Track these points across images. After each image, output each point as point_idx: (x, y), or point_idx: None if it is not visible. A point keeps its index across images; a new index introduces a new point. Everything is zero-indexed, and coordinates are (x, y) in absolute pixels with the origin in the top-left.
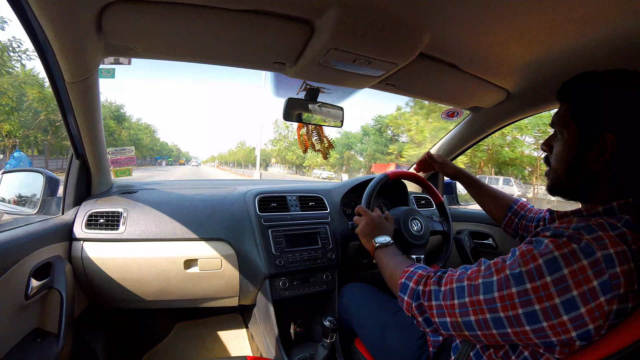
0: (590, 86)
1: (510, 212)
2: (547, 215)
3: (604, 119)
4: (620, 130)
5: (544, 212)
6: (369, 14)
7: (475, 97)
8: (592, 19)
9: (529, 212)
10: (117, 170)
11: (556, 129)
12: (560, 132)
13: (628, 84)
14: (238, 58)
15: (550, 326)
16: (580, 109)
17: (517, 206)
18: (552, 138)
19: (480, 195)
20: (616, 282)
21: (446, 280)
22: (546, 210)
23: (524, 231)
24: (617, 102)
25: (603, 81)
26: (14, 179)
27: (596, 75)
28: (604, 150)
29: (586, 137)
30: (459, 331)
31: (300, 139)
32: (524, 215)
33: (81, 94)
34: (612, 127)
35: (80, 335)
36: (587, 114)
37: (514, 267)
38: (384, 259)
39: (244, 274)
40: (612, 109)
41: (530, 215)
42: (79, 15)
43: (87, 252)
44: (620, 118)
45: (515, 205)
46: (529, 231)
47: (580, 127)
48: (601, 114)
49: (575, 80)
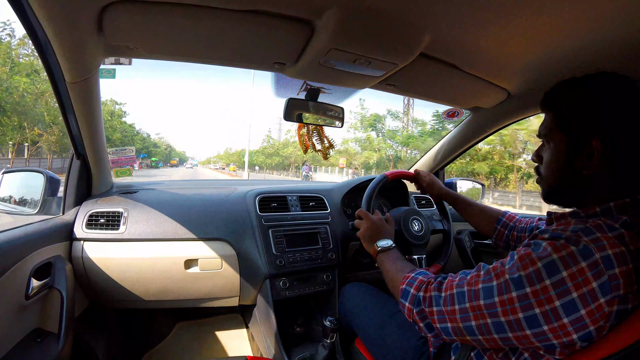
0: (572, 93)
1: (499, 225)
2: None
3: (588, 125)
4: (605, 134)
5: (535, 220)
6: (369, 14)
7: (475, 97)
8: (592, 19)
9: (519, 222)
10: (117, 171)
11: (543, 139)
12: (547, 142)
13: (609, 87)
14: (238, 58)
15: (551, 329)
16: (563, 116)
17: (505, 218)
18: (540, 148)
19: (467, 212)
20: (615, 283)
21: (446, 286)
22: (537, 219)
23: (516, 242)
24: (599, 107)
25: (584, 86)
26: (15, 178)
27: (577, 81)
28: (590, 155)
29: (572, 144)
30: (460, 336)
31: (301, 139)
32: (514, 226)
33: (82, 94)
34: (597, 132)
35: (81, 335)
36: (571, 121)
37: (513, 271)
38: (386, 264)
39: (244, 274)
40: (595, 114)
41: (521, 226)
42: (79, 15)
43: (88, 252)
44: (604, 122)
45: (504, 217)
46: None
47: (565, 135)
48: (585, 120)
49: (557, 89)
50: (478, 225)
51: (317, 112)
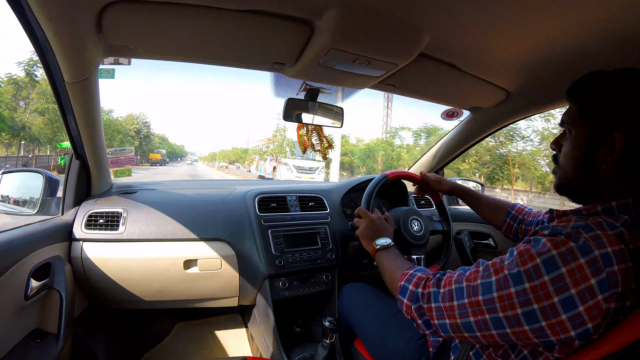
0: (599, 85)
1: (508, 217)
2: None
3: (613, 118)
4: (629, 129)
5: (542, 214)
6: (368, 14)
7: (475, 97)
8: (592, 19)
9: (528, 215)
10: (116, 171)
11: (565, 127)
12: (569, 130)
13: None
14: (238, 58)
15: (549, 325)
16: (589, 108)
17: (514, 211)
18: (561, 137)
19: (477, 205)
20: (614, 280)
21: (445, 282)
22: (545, 212)
23: (524, 235)
24: (626, 101)
25: (612, 80)
26: (14, 179)
27: (606, 74)
28: (612, 149)
29: (595, 136)
30: (458, 333)
31: (300, 139)
32: (523, 219)
33: (81, 95)
34: (621, 126)
35: (80, 336)
36: (597, 112)
37: (512, 267)
38: (385, 262)
39: (243, 275)
40: (621, 108)
41: (530, 219)
42: (78, 15)
43: (87, 253)
44: (629, 117)
45: (513, 210)
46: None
47: (589, 126)
48: (610, 113)
49: (585, 79)
50: (488, 218)
51: (316, 112)
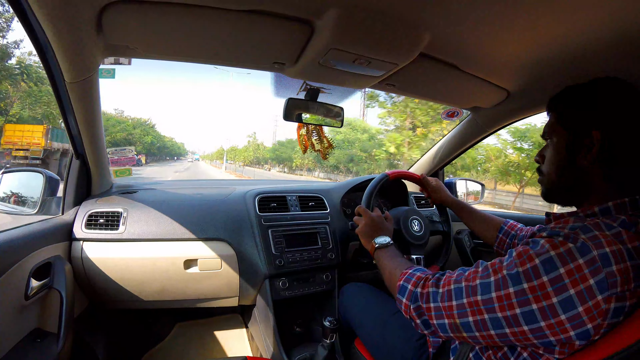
0: (575, 92)
1: (500, 233)
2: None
3: (589, 119)
4: (605, 126)
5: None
6: (369, 14)
7: (475, 97)
8: (592, 19)
9: (520, 231)
10: (117, 171)
11: (547, 138)
12: (550, 139)
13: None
14: (238, 58)
15: (548, 326)
16: (566, 112)
17: (507, 227)
18: (543, 149)
19: (470, 220)
20: (613, 280)
21: (444, 282)
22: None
23: None
24: (599, 101)
25: (586, 88)
26: (14, 178)
27: (581, 84)
28: (590, 146)
29: (574, 139)
30: (457, 333)
31: (300, 139)
32: (515, 234)
33: (81, 94)
34: (598, 125)
35: (80, 335)
36: (573, 116)
37: (511, 267)
38: (384, 260)
39: (243, 274)
40: (595, 110)
41: (522, 234)
42: (79, 15)
43: (87, 252)
44: (604, 117)
45: (505, 226)
46: None
47: (567, 130)
48: (586, 114)
49: (561, 92)
50: (481, 233)
51: (316, 112)
